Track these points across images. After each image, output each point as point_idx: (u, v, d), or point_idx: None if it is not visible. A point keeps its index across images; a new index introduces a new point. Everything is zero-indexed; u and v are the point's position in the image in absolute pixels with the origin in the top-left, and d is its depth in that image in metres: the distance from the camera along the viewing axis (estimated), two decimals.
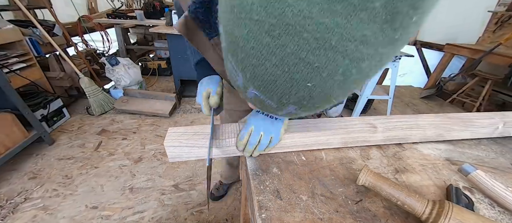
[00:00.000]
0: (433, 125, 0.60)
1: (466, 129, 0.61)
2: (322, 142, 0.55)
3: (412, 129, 0.59)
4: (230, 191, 1.54)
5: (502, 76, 2.58)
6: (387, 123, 0.59)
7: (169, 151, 0.49)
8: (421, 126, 0.60)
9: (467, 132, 0.62)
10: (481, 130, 0.62)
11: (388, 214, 0.40)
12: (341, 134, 0.56)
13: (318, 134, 0.55)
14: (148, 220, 1.31)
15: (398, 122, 0.60)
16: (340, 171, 0.49)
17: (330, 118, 0.62)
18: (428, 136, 0.60)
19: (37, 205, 1.35)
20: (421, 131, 0.59)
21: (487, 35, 2.78)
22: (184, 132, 0.53)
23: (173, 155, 0.50)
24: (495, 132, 0.64)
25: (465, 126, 0.61)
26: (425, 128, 0.60)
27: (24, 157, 1.70)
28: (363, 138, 0.57)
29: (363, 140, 0.57)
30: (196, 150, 0.50)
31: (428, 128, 0.60)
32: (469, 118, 0.64)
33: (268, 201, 0.41)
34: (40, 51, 2.10)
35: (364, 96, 2.26)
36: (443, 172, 0.51)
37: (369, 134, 0.57)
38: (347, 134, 0.56)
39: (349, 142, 0.57)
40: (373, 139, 0.57)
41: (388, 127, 0.58)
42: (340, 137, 0.55)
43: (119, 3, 4.03)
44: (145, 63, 3.37)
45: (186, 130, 0.54)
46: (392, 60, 1.76)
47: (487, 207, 0.43)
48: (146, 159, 1.76)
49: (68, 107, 2.28)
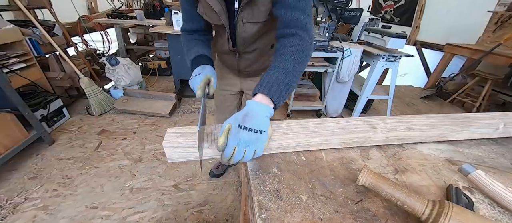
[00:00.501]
0: (433, 125, 0.60)
1: (467, 129, 0.61)
2: (321, 142, 0.55)
3: (412, 130, 0.59)
4: (231, 189, 1.54)
5: (502, 76, 2.58)
6: (387, 123, 0.59)
7: (168, 151, 0.49)
8: (421, 126, 0.60)
9: (467, 132, 0.61)
10: (481, 130, 0.62)
11: (388, 214, 0.40)
12: (340, 134, 0.56)
13: (318, 134, 0.55)
14: (148, 220, 1.31)
15: (398, 122, 0.60)
16: (340, 171, 0.49)
17: (330, 118, 0.62)
18: (428, 136, 0.60)
19: (37, 205, 1.35)
20: (421, 131, 0.59)
21: (487, 35, 2.78)
22: (183, 133, 0.53)
23: (172, 155, 0.50)
24: (495, 132, 0.63)
25: (465, 126, 0.61)
26: (425, 128, 0.60)
27: (24, 157, 1.70)
28: (363, 138, 0.56)
29: (363, 140, 0.57)
30: (195, 151, 0.50)
31: (428, 128, 0.59)
32: (469, 118, 0.64)
33: (268, 201, 0.41)
34: (40, 51, 2.10)
35: (364, 96, 2.26)
36: (443, 172, 0.51)
37: (369, 134, 0.57)
38: (346, 134, 0.56)
39: (349, 143, 0.56)
40: (373, 139, 0.57)
41: (388, 127, 0.58)
42: (339, 138, 0.55)
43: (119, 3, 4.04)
44: (145, 63, 3.37)
45: (184, 130, 0.54)
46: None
47: (487, 207, 0.43)
48: (146, 159, 1.76)
49: (68, 107, 2.28)
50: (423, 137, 0.60)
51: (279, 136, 0.54)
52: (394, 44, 1.93)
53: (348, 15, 2.24)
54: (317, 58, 2.29)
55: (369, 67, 2.21)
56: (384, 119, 0.61)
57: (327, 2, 2.13)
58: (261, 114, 0.49)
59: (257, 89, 0.53)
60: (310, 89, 2.49)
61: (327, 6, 2.16)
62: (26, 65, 1.88)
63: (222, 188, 1.56)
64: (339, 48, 2.09)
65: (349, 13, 2.23)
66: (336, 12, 2.18)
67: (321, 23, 2.29)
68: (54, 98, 2.01)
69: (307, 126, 0.57)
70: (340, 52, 2.08)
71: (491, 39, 2.72)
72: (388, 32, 1.95)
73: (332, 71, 2.22)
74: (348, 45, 2.14)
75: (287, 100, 2.50)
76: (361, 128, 0.57)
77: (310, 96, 2.50)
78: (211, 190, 1.53)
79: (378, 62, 2.03)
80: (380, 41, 2.03)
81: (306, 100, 2.52)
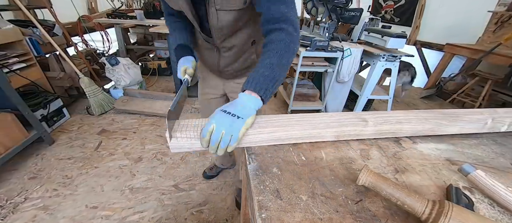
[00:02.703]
0: (423, 119, 0.62)
1: (455, 124, 0.62)
2: (316, 135, 0.56)
3: (402, 123, 0.60)
4: (231, 189, 1.54)
5: (502, 76, 2.58)
6: (378, 118, 0.61)
7: (171, 141, 0.51)
8: (411, 120, 0.61)
9: (456, 127, 0.63)
10: (470, 125, 0.64)
11: (388, 214, 0.40)
12: (334, 127, 0.57)
13: (312, 127, 0.56)
14: (148, 220, 1.31)
15: (389, 117, 0.62)
16: (340, 171, 0.49)
17: (324, 113, 0.63)
18: (418, 130, 0.61)
19: (37, 205, 1.35)
20: (411, 125, 0.61)
21: (487, 35, 2.78)
22: (186, 124, 0.55)
23: (174, 145, 0.51)
24: (484, 127, 0.65)
25: (454, 120, 0.62)
26: (415, 122, 0.61)
27: (24, 157, 1.70)
28: (355, 131, 0.58)
29: (356, 133, 0.58)
30: (196, 141, 0.51)
31: (418, 122, 0.61)
32: (458, 113, 0.65)
33: (268, 201, 0.41)
34: (40, 51, 2.09)
35: (364, 96, 2.26)
36: (443, 172, 0.51)
37: (361, 127, 0.58)
38: (339, 128, 0.57)
39: (342, 136, 0.58)
40: (365, 132, 0.59)
41: (379, 121, 0.59)
42: (333, 131, 0.57)
43: (119, 3, 4.04)
44: (145, 63, 3.37)
45: (187, 122, 0.56)
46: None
47: (487, 207, 0.43)
48: (146, 159, 1.76)
49: (68, 107, 2.28)
50: (413, 131, 0.61)
51: (275, 128, 0.55)
52: (394, 44, 1.93)
53: (348, 15, 2.24)
54: (317, 58, 2.29)
55: (369, 67, 2.21)
56: (375, 113, 0.63)
57: (327, 2, 2.13)
58: (246, 104, 0.53)
59: (245, 86, 0.56)
60: (310, 89, 2.49)
61: (327, 6, 2.16)
62: (26, 65, 1.88)
63: (222, 188, 1.56)
64: (339, 48, 2.09)
65: (349, 13, 2.23)
66: (336, 12, 2.18)
67: (321, 23, 2.29)
68: (54, 98, 2.01)
69: (302, 120, 0.58)
70: (340, 52, 2.08)
71: (491, 39, 2.72)
72: (388, 32, 1.95)
73: (332, 71, 2.22)
74: (348, 45, 2.14)
75: (287, 100, 2.50)
76: (353, 122, 0.59)
77: (310, 96, 2.50)
78: (211, 190, 1.53)
79: (378, 62, 2.03)
80: (380, 41, 2.03)
81: (306, 100, 2.52)
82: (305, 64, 2.20)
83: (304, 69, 2.23)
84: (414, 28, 3.70)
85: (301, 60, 2.10)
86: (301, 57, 2.08)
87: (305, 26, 2.88)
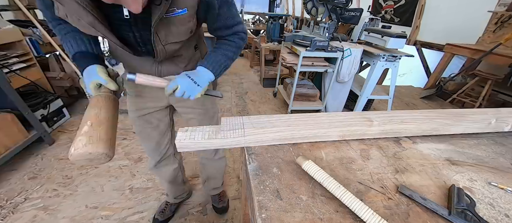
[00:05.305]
0: (428, 119, 0.62)
1: (460, 124, 0.63)
2: (321, 134, 0.56)
3: (407, 123, 0.60)
4: (231, 190, 1.54)
5: (502, 76, 2.58)
6: (383, 118, 0.61)
7: (177, 141, 0.53)
8: (416, 120, 0.61)
9: (460, 127, 0.63)
10: (474, 125, 0.64)
11: (388, 214, 0.40)
12: (339, 127, 0.57)
13: (318, 127, 0.56)
14: (148, 220, 1.31)
15: (394, 117, 0.62)
16: (340, 171, 0.49)
17: (328, 113, 0.63)
18: (423, 130, 0.61)
19: (37, 205, 1.35)
20: (416, 124, 0.61)
21: (487, 35, 2.79)
22: (193, 129, 0.57)
23: (181, 145, 0.53)
24: (488, 126, 0.65)
25: (458, 120, 0.62)
26: (420, 121, 0.61)
27: (24, 157, 1.70)
28: (360, 131, 0.58)
29: (361, 133, 0.58)
30: (200, 141, 0.53)
31: (423, 122, 0.61)
32: (462, 113, 0.66)
33: (268, 201, 0.41)
34: (40, 51, 2.10)
35: (364, 96, 2.26)
36: (443, 172, 0.51)
37: (366, 127, 0.58)
38: (344, 127, 0.57)
39: (347, 135, 0.58)
40: (370, 132, 0.59)
41: (384, 121, 0.60)
42: (338, 130, 0.57)
43: None
44: None
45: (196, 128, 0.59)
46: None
47: (487, 207, 0.43)
48: (146, 159, 1.76)
49: (68, 107, 2.28)
50: (418, 130, 0.61)
51: (280, 128, 0.55)
52: (394, 44, 1.93)
53: (348, 15, 2.24)
54: (317, 58, 2.29)
55: (369, 67, 2.21)
56: (380, 113, 0.63)
57: (327, 2, 2.13)
58: (204, 76, 0.71)
59: (204, 64, 0.72)
60: (310, 89, 2.49)
61: (327, 6, 2.16)
62: (26, 65, 1.88)
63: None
64: (339, 48, 2.09)
65: (349, 13, 2.23)
66: (336, 12, 2.19)
67: (321, 23, 2.29)
68: (54, 98, 2.01)
69: (307, 119, 0.59)
70: (340, 52, 2.08)
71: (491, 39, 2.72)
72: (388, 32, 1.95)
73: (332, 71, 2.22)
74: (348, 45, 2.15)
75: (287, 100, 2.50)
76: (358, 121, 0.59)
77: (310, 96, 2.50)
78: None
79: (378, 62, 2.03)
80: (380, 41, 2.03)
81: (306, 100, 2.52)
82: (305, 64, 2.19)
83: (304, 69, 2.23)
84: (414, 28, 3.70)
85: (301, 60, 2.10)
86: (301, 57, 2.08)
87: (305, 26, 2.88)
